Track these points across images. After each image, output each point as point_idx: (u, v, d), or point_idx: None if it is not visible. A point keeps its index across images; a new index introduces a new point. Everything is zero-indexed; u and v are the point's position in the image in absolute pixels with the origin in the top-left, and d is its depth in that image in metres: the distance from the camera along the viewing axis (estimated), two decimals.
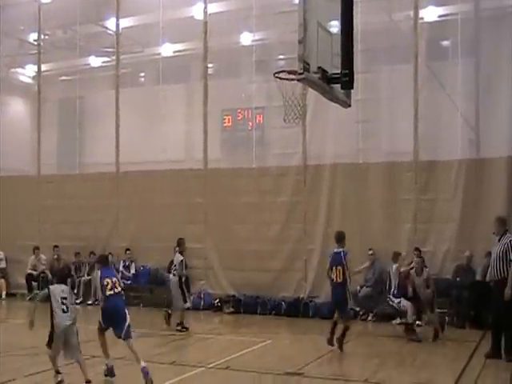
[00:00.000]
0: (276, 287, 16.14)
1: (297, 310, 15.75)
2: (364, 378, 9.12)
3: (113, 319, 9.16)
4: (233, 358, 10.70)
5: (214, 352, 9.42)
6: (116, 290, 9.15)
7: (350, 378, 9.31)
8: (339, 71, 7.83)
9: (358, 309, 15.20)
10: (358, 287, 15.30)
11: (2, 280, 19.21)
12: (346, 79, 7.81)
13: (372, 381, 9.06)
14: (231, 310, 16.34)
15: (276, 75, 8.67)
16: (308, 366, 9.78)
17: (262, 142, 17.80)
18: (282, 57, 17.16)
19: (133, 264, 17.87)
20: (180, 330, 13.49)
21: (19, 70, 24.33)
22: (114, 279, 9.29)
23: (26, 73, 24.66)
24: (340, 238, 11.55)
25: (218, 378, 9.79)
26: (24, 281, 19.07)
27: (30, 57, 21.91)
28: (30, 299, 18.29)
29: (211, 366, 9.99)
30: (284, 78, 8.52)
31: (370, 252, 15.46)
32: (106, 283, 9.16)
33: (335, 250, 11.51)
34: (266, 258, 16.29)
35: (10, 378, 9.23)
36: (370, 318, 15.16)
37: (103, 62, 21.67)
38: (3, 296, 18.99)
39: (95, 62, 22.31)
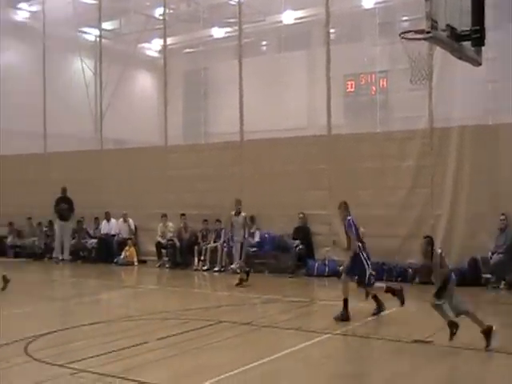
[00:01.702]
0: (402, 253, 15.81)
1: None
2: (504, 350, 8.72)
3: None
4: (358, 325, 10.63)
5: (330, 318, 9.40)
6: None
7: (478, 347, 8.95)
8: (468, 28, 7.50)
9: (489, 276, 14.69)
10: (490, 253, 14.77)
11: (133, 248, 20.01)
12: (477, 36, 7.48)
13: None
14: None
15: (402, 36, 8.40)
16: (436, 335, 9.53)
17: (385, 106, 17.42)
18: (405, 18, 16.65)
19: (257, 232, 18.08)
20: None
21: (146, 44, 25.14)
22: None
23: (153, 47, 25.45)
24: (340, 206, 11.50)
25: (345, 345, 9.76)
26: (154, 248, 19.76)
27: (155, 31, 22.49)
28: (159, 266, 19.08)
29: (337, 332, 9.97)
30: (411, 39, 8.24)
31: (502, 217, 14.81)
32: None
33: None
34: (391, 223, 15.97)
35: (143, 340, 9.59)
36: (501, 285, 14.57)
37: (226, 33, 21.96)
38: (135, 263, 19.80)
39: (218, 32, 22.65)
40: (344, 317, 10.82)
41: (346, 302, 10.97)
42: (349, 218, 11.36)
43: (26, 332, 10.02)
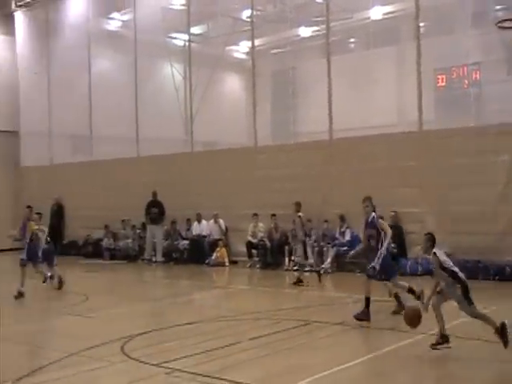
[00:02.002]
0: (499, 251, 15.23)
1: None
2: None
3: None
4: (454, 325, 10.29)
5: (433, 319, 9.11)
6: None
7: None
8: None
9: None
10: None
11: (224, 248, 20.18)
12: None
13: None
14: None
15: (498, 25, 8.09)
16: None
17: (478, 99, 16.82)
18: (499, 7, 16.02)
19: (348, 230, 17.88)
20: None
21: (233, 47, 25.35)
22: None
23: (240, 49, 25.63)
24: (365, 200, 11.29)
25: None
26: (244, 248, 19.86)
27: (243, 33, 22.63)
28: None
29: (432, 332, 9.69)
30: (507, 27, 7.93)
31: None
32: None
33: None
34: (486, 220, 15.40)
35: (236, 340, 9.65)
36: None
37: (313, 32, 21.84)
38: (226, 263, 19.96)
39: (305, 32, 22.56)
40: (363, 316, 10.65)
41: (367, 300, 10.79)
42: (373, 214, 11.20)
43: (122, 332, 10.27)
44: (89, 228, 24.41)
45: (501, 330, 8.26)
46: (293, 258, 17.36)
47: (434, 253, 8.60)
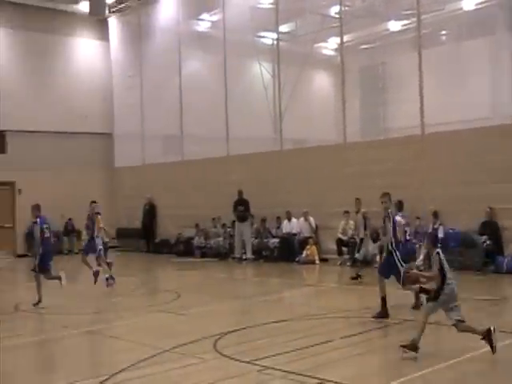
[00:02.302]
0: None
1: None
2: None
3: None
4: None
5: None
6: None
7: None
8: None
9: None
10: None
11: (314, 246, 20.07)
12: None
13: None
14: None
15: None
16: None
17: None
18: None
19: (441, 227, 17.41)
20: None
21: (322, 44, 25.18)
22: None
23: (329, 46, 25.44)
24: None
25: None
26: (334, 246, 19.70)
27: (331, 30, 22.42)
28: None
29: None
30: None
31: None
32: None
33: None
34: None
35: (328, 339, 9.57)
36: None
37: (403, 26, 21.39)
38: (316, 261, 19.85)
39: (395, 26, 22.14)
40: (382, 314, 10.69)
41: (383, 300, 10.79)
42: (390, 210, 10.96)
43: (213, 329, 10.37)
44: (180, 226, 24.86)
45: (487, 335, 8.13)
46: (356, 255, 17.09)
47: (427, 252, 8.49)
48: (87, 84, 28.54)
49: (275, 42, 23.18)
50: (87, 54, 29.11)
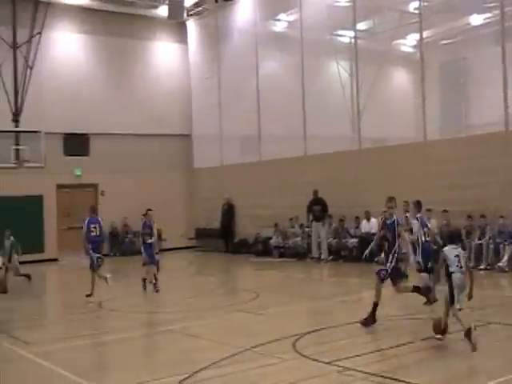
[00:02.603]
0: None
1: None
2: None
3: None
4: None
5: None
6: None
7: None
8: None
9: None
10: None
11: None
12: None
13: None
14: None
15: None
16: None
17: None
18: None
19: None
20: None
21: (401, 40, 24.77)
22: None
23: (408, 42, 25.00)
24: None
25: None
26: None
27: (410, 26, 22.02)
28: None
29: None
30: None
31: None
32: None
33: None
34: None
35: (409, 340, 9.41)
36: None
37: (485, 19, 20.79)
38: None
39: (476, 19, 21.55)
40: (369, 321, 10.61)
41: (376, 305, 10.75)
42: (395, 217, 11.15)
43: (292, 329, 10.34)
44: (258, 226, 24.96)
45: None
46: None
47: None
48: (166, 87, 29.06)
49: (353, 40, 22.93)
50: (166, 57, 29.62)
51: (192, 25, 29.52)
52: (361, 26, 23.48)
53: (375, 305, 10.80)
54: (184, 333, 10.87)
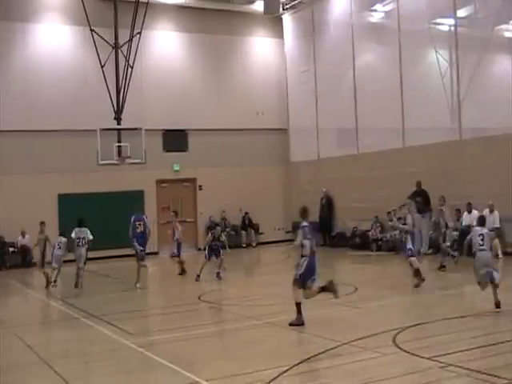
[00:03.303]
0: None
1: None
2: None
3: None
4: None
5: None
6: None
7: None
8: None
9: None
10: None
11: (497, 239, 19.02)
12: None
13: None
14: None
15: None
16: None
17: None
18: None
19: None
20: None
21: (503, 26, 23.81)
22: None
23: (511, 27, 24.01)
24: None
25: None
26: None
27: None
28: None
29: None
30: None
31: None
32: None
33: None
34: None
35: None
36: None
37: None
38: (500, 255, 18.81)
39: None
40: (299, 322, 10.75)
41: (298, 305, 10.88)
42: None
43: (392, 323, 10.21)
44: (355, 220, 24.76)
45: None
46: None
47: None
48: (263, 81, 29.24)
49: (452, 28, 22.28)
50: (263, 52, 29.79)
51: (288, 19, 29.54)
52: (461, 12, 22.75)
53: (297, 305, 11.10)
54: (284, 326, 10.93)
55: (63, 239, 17.45)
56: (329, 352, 8.77)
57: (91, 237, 17.20)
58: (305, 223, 11.36)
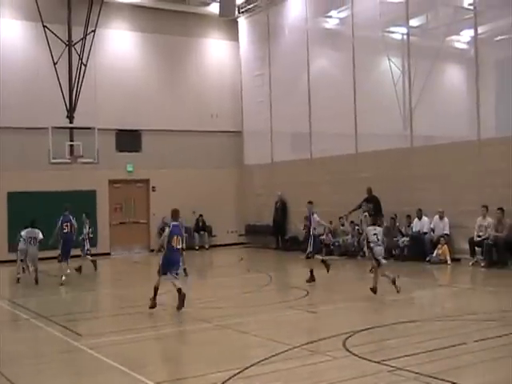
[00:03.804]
0: None
1: None
2: None
3: None
4: None
5: None
6: None
7: None
8: None
9: None
10: None
11: (446, 246, 19.47)
12: None
13: None
14: None
15: None
16: None
17: None
18: None
19: None
20: None
21: (454, 37, 24.32)
22: None
23: (462, 39, 24.53)
24: None
25: None
26: (467, 246, 19.02)
27: (465, 22, 21.64)
28: None
29: None
30: None
31: None
32: None
33: None
34: None
35: (461, 341, 9.28)
36: None
37: None
38: (448, 261, 19.24)
39: None
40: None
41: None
42: None
43: (342, 327, 10.34)
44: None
45: None
46: None
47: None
48: (217, 84, 29.24)
49: (405, 37, 22.67)
50: (217, 54, 29.77)
51: (243, 22, 29.61)
52: (413, 22, 23.16)
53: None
54: (235, 329, 10.95)
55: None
56: (279, 355, 8.82)
57: (42, 237, 17.02)
58: (174, 223, 13.21)
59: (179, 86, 28.55)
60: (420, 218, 20.55)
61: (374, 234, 14.19)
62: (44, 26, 23.07)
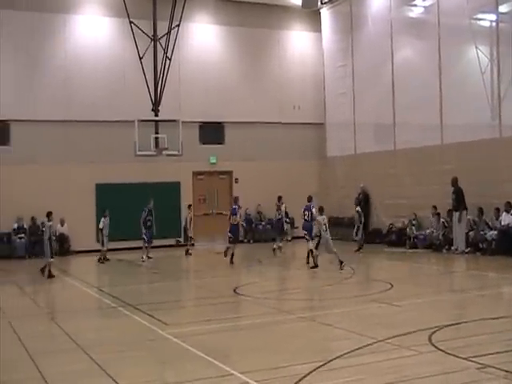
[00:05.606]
0: None
1: None
2: None
3: None
4: None
5: None
6: None
7: None
8: None
9: None
10: None
11: None
12: None
13: None
14: None
15: None
16: None
17: None
18: None
19: None
20: None
21: None
22: None
23: None
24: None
25: None
26: None
27: None
28: None
29: None
30: None
31: None
32: None
33: None
34: None
35: None
36: None
37: None
38: None
39: None
40: None
41: None
42: None
43: (428, 322, 10.15)
44: (391, 216, 24.61)
45: None
46: None
47: None
48: (300, 76, 29.20)
49: (494, 24, 21.94)
50: (300, 46, 29.70)
51: (326, 13, 29.40)
52: (503, 8, 22.40)
53: None
54: (318, 321, 10.95)
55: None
56: (364, 348, 8.75)
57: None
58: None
59: (262, 78, 28.68)
60: (508, 212, 19.89)
61: (325, 225, 17.46)
62: (130, 22, 23.60)
